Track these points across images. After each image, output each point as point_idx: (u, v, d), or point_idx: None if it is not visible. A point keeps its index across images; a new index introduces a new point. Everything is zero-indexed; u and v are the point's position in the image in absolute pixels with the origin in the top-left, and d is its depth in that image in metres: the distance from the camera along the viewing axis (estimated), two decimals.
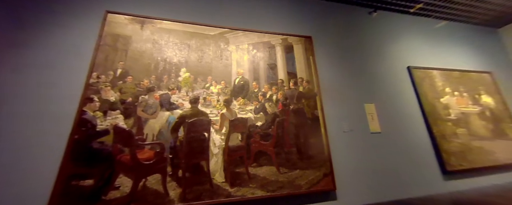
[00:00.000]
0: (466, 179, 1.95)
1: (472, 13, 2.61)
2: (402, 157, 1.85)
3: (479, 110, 2.26)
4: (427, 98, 2.12)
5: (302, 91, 1.70)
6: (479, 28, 2.93)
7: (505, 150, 2.14)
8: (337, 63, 1.99)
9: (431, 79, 2.24)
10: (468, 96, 2.29)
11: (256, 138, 1.49)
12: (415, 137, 1.97)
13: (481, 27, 2.93)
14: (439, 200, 1.66)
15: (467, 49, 2.68)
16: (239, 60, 1.61)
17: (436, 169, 1.90)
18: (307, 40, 1.88)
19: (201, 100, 1.43)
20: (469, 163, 1.97)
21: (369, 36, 2.27)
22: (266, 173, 1.43)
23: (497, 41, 2.96)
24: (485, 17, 2.71)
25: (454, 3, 2.39)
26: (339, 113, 1.78)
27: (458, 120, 2.13)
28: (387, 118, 1.95)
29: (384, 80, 2.10)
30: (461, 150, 2.00)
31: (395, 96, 2.07)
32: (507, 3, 2.43)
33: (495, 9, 2.54)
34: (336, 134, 1.70)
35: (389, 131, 1.90)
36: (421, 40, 2.49)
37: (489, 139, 2.14)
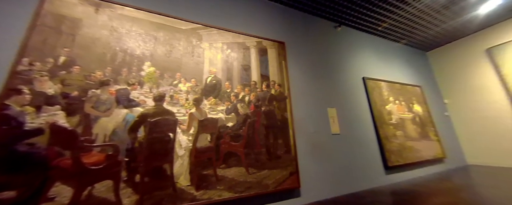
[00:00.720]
0: (401, 173, 2.38)
1: (411, 38, 3.22)
2: (355, 156, 2.12)
3: (412, 116, 2.80)
4: (376, 105, 2.50)
5: (274, 94, 1.77)
6: (415, 50, 3.63)
7: (427, 148, 2.69)
8: (306, 70, 2.15)
9: (379, 89, 2.65)
10: (405, 105, 2.81)
11: (226, 139, 1.46)
12: (366, 138, 2.29)
13: (416, 49, 3.65)
14: (382, 191, 1.97)
15: (406, 66, 3.29)
16: (212, 58, 1.56)
17: (380, 165, 2.25)
18: (280, 45, 1.97)
19: (168, 98, 1.32)
20: (404, 160, 2.41)
21: (334, 47, 2.53)
22: (235, 174, 1.42)
23: (426, 62, 3.73)
24: (419, 42, 3.38)
25: (399, 28, 2.90)
26: (306, 115, 1.92)
27: (397, 124, 2.58)
28: (345, 121, 2.21)
29: (344, 87, 2.38)
30: (398, 149, 2.43)
31: (352, 102, 2.37)
32: (433, 33, 3.10)
33: (427, 36, 3.21)
34: (302, 135, 1.83)
35: (346, 132, 2.16)
36: (374, 56, 2.93)
37: (417, 140, 2.67)
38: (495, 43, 2.93)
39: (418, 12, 2.53)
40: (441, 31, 3.05)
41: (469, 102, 3.19)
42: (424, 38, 3.26)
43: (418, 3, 2.35)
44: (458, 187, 1.98)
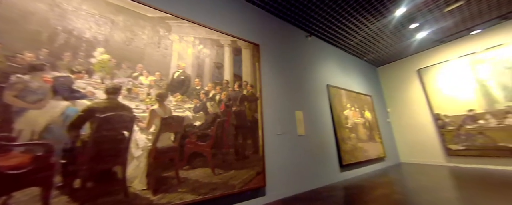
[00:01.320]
0: (352, 170, 2.73)
1: (366, 55, 3.75)
2: (317, 155, 2.32)
3: (363, 121, 3.25)
4: (336, 110, 2.81)
5: (246, 94, 1.78)
6: (368, 65, 4.25)
7: (373, 149, 3.18)
8: (278, 73, 2.25)
9: (340, 96, 2.99)
10: (359, 111, 3.24)
11: (192, 139, 1.39)
12: (326, 139, 2.54)
13: (369, 64, 4.27)
14: (336, 186, 2.21)
15: (361, 78, 3.81)
16: (181, 52, 1.46)
17: (336, 164, 2.53)
18: (255, 47, 2.01)
19: (124, 91, 1.17)
20: (355, 158, 2.78)
21: (304, 55, 2.73)
22: (200, 175, 1.36)
23: (376, 75, 4.41)
24: (373, 59, 3.97)
25: (358, 45, 3.35)
26: (275, 117, 2.00)
27: (352, 127, 2.96)
28: (310, 124, 2.40)
29: (311, 92, 2.59)
30: (351, 149, 2.78)
31: (316, 106, 2.59)
32: (383, 53, 3.69)
33: (378, 55, 3.79)
34: (270, 135, 1.89)
35: (310, 134, 2.34)
36: (337, 66, 3.29)
37: (366, 141, 3.12)
38: (422, 66, 3.70)
39: (373, 33, 2.98)
40: (388, 51, 3.66)
41: (404, 112, 3.92)
42: (376, 56, 3.85)
43: (373, 27, 2.77)
44: (393, 180, 2.40)
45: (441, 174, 2.61)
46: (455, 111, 3.19)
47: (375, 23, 2.72)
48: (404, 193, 1.88)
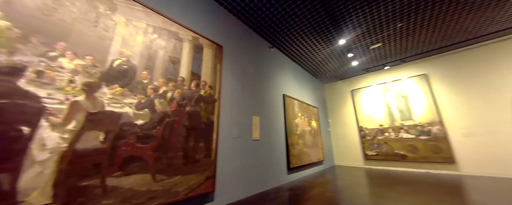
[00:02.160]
0: (298, 173, 3.05)
1: (317, 72, 4.37)
2: (268, 159, 2.46)
3: (310, 129, 3.72)
4: (289, 118, 3.10)
5: (203, 95, 1.70)
6: (318, 81, 4.96)
7: (315, 153, 3.67)
8: (240, 78, 2.28)
9: (293, 105, 3.33)
10: (307, 120, 3.70)
11: (130, 140, 1.19)
12: (278, 144, 2.74)
13: (318, 80, 4.99)
14: (283, 187, 2.40)
15: (311, 91, 4.39)
16: (127, 38, 1.26)
17: (284, 167, 2.75)
18: (218, 48, 1.97)
19: (32, 73, 0.88)
20: (301, 162, 3.11)
21: (266, 64, 2.90)
22: (136, 182, 1.17)
23: (322, 90, 5.19)
24: (321, 76, 4.67)
25: (312, 63, 3.87)
26: (232, 120, 2.00)
27: (300, 134, 3.33)
28: (265, 129, 2.53)
29: (268, 99, 2.76)
30: (298, 154, 3.11)
31: (273, 113, 2.78)
32: (329, 73, 4.41)
33: (325, 74, 4.49)
34: (225, 139, 1.87)
35: (264, 139, 2.47)
36: (293, 78, 3.66)
37: (311, 147, 3.57)
38: (355, 87, 4.65)
39: (323, 56, 3.52)
40: (333, 72, 4.41)
41: (340, 123, 4.75)
42: (324, 75, 4.55)
43: (324, 51, 3.28)
44: (327, 180, 2.83)
45: (360, 174, 3.29)
46: (371, 125, 4.14)
47: (325, 48, 3.24)
48: (334, 190, 2.24)
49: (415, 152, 3.50)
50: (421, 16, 2.48)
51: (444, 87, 3.45)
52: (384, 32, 2.84)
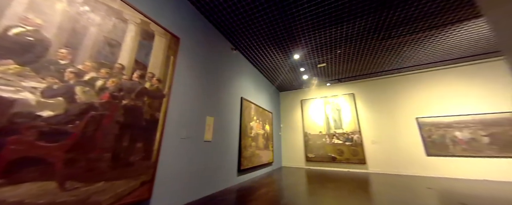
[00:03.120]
0: (248, 174, 3.13)
1: (275, 80, 4.73)
2: (219, 161, 2.40)
3: (263, 132, 3.94)
4: (244, 121, 3.17)
5: (148, 88, 1.49)
6: (274, 88, 5.37)
7: (266, 155, 3.89)
8: (196, 75, 2.16)
9: (249, 109, 3.44)
10: (261, 124, 3.90)
11: (26, 136, 0.89)
12: (231, 146, 2.74)
13: (275, 88, 5.40)
14: (232, 189, 2.39)
15: (268, 97, 4.69)
16: (40, 2, 0.96)
17: (235, 169, 2.77)
18: (174, 39, 1.81)
19: None
20: (252, 163, 3.22)
21: (227, 65, 2.89)
22: (29, 193, 0.87)
23: (278, 97, 5.65)
24: (278, 84, 5.08)
25: (271, 71, 4.15)
26: (182, 120, 1.85)
27: (254, 137, 3.46)
28: (219, 130, 2.48)
29: (226, 100, 2.74)
30: (250, 156, 3.21)
31: (229, 115, 2.77)
32: (285, 83, 4.87)
33: (282, 82, 4.92)
34: (172, 139, 1.70)
35: (217, 140, 2.41)
36: (252, 83, 3.81)
37: (262, 149, 3.77)
38: (304, 98, 5.33)
39: (281, 66, 3.86)
40: (288, 82, 4.89)
41: (290, 128, 5.28)
42: (280, 83, 4.98)
43: (282, 62, 3.61)
44: (273, 181, 3.05)
45: (301, 174, 3.73)
46: (314, 131, 4.83)
47: (283, 60, 3.57)
48: (277, 190, 2.43)
49: (341, 155, 4.34)
50: (353, 48, 3.17)
51: (364, 105, 4.49)
52: (328, 55, 3.44)
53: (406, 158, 3.76)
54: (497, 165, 3.10)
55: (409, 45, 3.07)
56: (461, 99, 3.58)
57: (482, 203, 1.93)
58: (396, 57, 3.47)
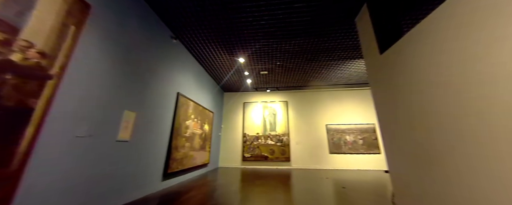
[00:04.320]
0: (177, 177, 2.83)
1: (221, 80, 4.65)
2: (136, 165, 2.02)
3: (201, 132, 3.74)
4: (179, 119, 2.88)
5: (18, 63, 1.03)
6: (220, 88, 5.28)
7: (201, 157, 3.70)
8: (114, 60, 1.74)
9: (187, 106, 3.17)
10: (200, 123, 3.69)
11: None
12: (157, 147, 2.38)
13: (220, 88, 5.32)
14: (151, 197, 2.05)
15: (211, 95, 4.53)
16: None
17: (160, 173, 2.42)
18: (80, 4, 1.37)
19: None
20: (183, 166, 2.95)
21: (163, 54, 2.53)
22: None
23: (222, 97, 5.60)
24: (224, 84, 5.03)
25: (217, 70, 4.05)
26: (82, 113, 1.41)
27: (189, 137, 3.20)
28: (142, 128, 2.09)
29: (157, 95, 2.37)
30: (182, 157, 2.93)
31: (158, 111, 2.41)
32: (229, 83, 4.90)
33: (227, 83, 4.92)
34: (59, 138, 1.25)
35: (137, 140, 2.02)
36: (193, 78, 3.55)
37: (198, 150, 3.55)
38: (246, 101, 5.59)
39: (227, 67, 3.86)
40: (234, 84, 4.96)
41: (230, 129, 5.34)
42: (226, 84, 4.96)
43: (229, 63, 3.62)
44: (206, 182, 2.93)
45: (236, 173, 3.84)
46: (252, 133, 5.15)
47: (230, 61, 3.59)
48: (207, 192, 2.36)
49: (273, 154, 4.88)
50: (289, 63, 3.70)
51: (293, 112, 5.31)
52: (270, 65, 3.81)
53: (317, 155, 4.78)
54: (365, 159, 4.59)
55: (326, 68, 3.97)
56: (351, 113, 5.05)
57: (354, 185, 2.77)
58: (317, 75, 4.39)
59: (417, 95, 1.54)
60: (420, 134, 1.48)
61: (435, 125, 1.36)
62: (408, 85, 1.61)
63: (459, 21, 1.20)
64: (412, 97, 1.57)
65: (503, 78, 0.97)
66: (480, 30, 1.09)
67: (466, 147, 1.20)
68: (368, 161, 4.56)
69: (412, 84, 1.56)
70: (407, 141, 1.61)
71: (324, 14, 2.39)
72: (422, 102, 1.49)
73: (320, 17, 2.45)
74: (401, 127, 1.69)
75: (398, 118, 1.72)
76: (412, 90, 1.56)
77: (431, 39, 1.43)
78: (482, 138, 1.11)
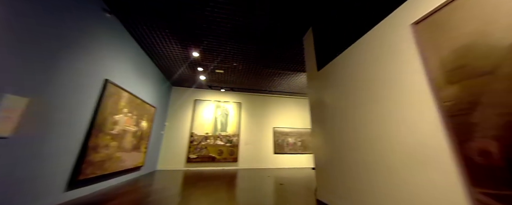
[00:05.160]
0: (94, 185, 2.24)
1: (169, 72, 4.15)
2: (27, 170, 1.46)
3: (136, 130, 3.17)
4: (105, 112, 2.33)
5: None
6: (167, 81, 4.70)
7: (133, 158, 3.13)
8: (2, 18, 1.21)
9: (119, 97, 2.62)
10: (135, 119, 3.13)
11: None
12: (64, 146, 1.82)
13: (168, 81, 4.74)
14: None
15: (155, 88, 3.96)
16: None
17: (64, 180, 1.85)
18: None
19: None
20: (103, 170, 2.38)
21: (90, 30, 1.99)
22: None
23: (169, 92, 5.00)
24: (172, 77, 4.51)
25: (166, 59, 3.58)
26: None
27: (117, 135, 2.64)
28: (40, 120, 1.54)
29: (70, 78, 1.82)
30: (103, 160, 2.37)
31: (71, 99, 1.85)
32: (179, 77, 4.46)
33: (177, 77, 4.44)
34: None
35: (29, 136, 1.47)
36: (133, 66, 2.99)
37: (128, 151, 2.99)
38: (198, 98, 5.27)
39: (178, 59, 3.49)
40: (185, 79, 4.54)
41: (176, 127, 4.84)
42: (176, 77, 4.48)
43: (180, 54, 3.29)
44: (135, 188, 2.49)
45: (177, 176, 3.50)
46: (201, 132, 4.89)
47: (182, 52, 3.27)
48: (135, 200, 2.01)
49: (221, 155, 4.81)
50: (246, 66, 3.81)
51: (246, 113, 5.48)
52: (226, 64, 3.78)
53: (263, 155, 5.12)
54: (302, 158, 5.34)
55: (278, 76, 4.37)
56: (294, 118, 5.77)
57: (291, 181, 3.16)
58: (270, 82, 4.75)
59: (336, 109, 1.96)
60: (338, 139, 1.88)
61: (347, 133, 1.77)
62: (331, 99, 2.03)
63: (355, 60, 1.63)
64: (334, 110, 1.98)
65: (382, 98, 1.38)
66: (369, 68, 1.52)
67: (366, 152, 1.62)
68: (304, 160, 5.32)
69: (334, 99, 1.98)
70: (328, 145, 2.01)
71: (277, 28, 2.64)
72: (341, 114, 1.91)
73: (275, 31, 2.69)
74: (325, 132, 2.09)
75: (324, 125, 2.13)
76: (334, 105, 1.97)
77: (342, 67, 1.87)
78: (375, 144, 1.53)
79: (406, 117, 1.15)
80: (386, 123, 1.28)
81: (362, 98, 1.53)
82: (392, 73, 1.28)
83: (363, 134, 1.47)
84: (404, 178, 1.13)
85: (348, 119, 1.67)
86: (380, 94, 1.35)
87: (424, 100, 1.06)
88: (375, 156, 1.34)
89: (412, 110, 1.12)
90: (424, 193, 1.01)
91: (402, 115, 1.18)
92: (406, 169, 1.12)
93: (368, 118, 1.44)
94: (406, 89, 1.17)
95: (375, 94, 1.39)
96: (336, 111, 1.87)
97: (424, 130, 1.04)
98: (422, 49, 1.10)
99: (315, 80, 2.39)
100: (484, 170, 0.81)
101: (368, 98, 1.45)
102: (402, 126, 1.17)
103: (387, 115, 1.28)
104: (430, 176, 0.99)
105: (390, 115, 1.26)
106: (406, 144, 1.13)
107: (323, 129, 2.10)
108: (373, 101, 1.40)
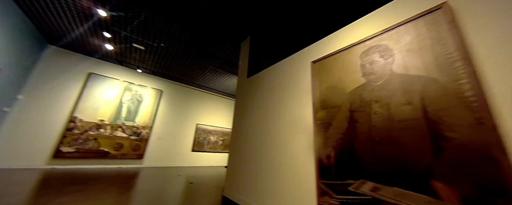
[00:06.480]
0: None
1: (45, 24, 2.69)
2: None
3: None
4: None
5: None
6: (37, 35, 3.04)
7: None
8: None
9: None
10: None
11: None
12: None
13: (37, 33, 3.08)
14: None
15: (8, 41, 2.41)
16: None
17: None
18: None
19: None
20: None
21: None
22: None
23: (36, 51, 3.26)
24: (48, 30, 2.97)
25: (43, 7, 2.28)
26: None
27: None
28: None
29: None
30: None
31: None
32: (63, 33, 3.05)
33: (60, 32, 2.99)
34: None
35: None
36: None
37: None
38: (95, 71, 3.87)
39: (73, 13, 2.36)
40: (75, 38, 3.15)
41: (41, 106, 3.22)
42: (57, 32, 2.99)
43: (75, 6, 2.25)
44: None
45: (30, 178, 2.29)
46: (90, 118, 3.59)
47: (80, 5, 2.25)
48: None
49: (119, 150, 3.79)
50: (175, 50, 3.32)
51: (166, 104, 4.76)
52: (150, 42, 3.10)
53: (178, 153, 4.67)
54: (221, 156, 5.46)
55: (211, 72, 4.21)
56: (220, 117, 5.82)
57: (203, 180, 3.09)
58: (201, 76, 4.48)
59: (252, 116, 2.22)
60: (249, 142, 2.12)
61: (256, 137, 2.04)
62: (250, 107, 2.28)
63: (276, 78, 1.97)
64: (250, 116, 2.23)
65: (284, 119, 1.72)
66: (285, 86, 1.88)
67: (265, 154, 1.93)
68: (222, 159, 5.47)
69: (253, 107, 2.24)
70: (241, 146, 2.21)
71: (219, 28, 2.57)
72: (256, 121, 2.17)
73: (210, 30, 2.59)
74: (241, 135, 2.29)
75: (241, 128, 2.33)
76: (252, 112, 2.23)
77: (265, 79, 2.19)
78: (272, 147, 1.85)
79: (298, 128, 1.54)
80: (282, 132, 1.65)
81: (274, 108, 1.86)
82: (295, 93, 1.67)
83: (266, 138, 1.80)
84: (287, 177, 1.51)
85: (258, 126, 1.96)
86: (286, 108, 1.72)
87: (309, 116, 1.48)
88: (269, 156, 1.68)
89: (302, 123, 1.52)
90: (295, 187, 1.41)
91: (295, 126, 1.57)
92: (288, 167, 1.50)
93: (271, 126, 1.77)
94: (302, 107, 1.58)
95: (282, 107, 1.75)
96: (252, 118, 2.13)
97: (304, 141, 1.45)
98: (313, 81, 1.54)
99: (243, 86, 2.57)
100: (325, 168, 1.27)
101: (276, 110, 1.80)
102: (293, 134, 1.56)
103: (286, 125, 1.65)
104: (301, 176, 1.40)
105: (288, 125, 1.63)
106: (292, 148, 1.52)
107: (240, 131, 2.29)
108: (279, 114, 1.76)
